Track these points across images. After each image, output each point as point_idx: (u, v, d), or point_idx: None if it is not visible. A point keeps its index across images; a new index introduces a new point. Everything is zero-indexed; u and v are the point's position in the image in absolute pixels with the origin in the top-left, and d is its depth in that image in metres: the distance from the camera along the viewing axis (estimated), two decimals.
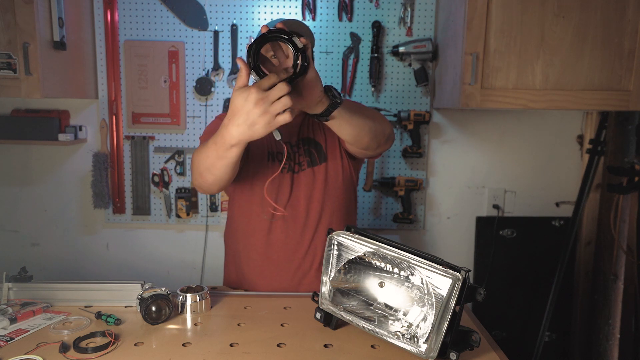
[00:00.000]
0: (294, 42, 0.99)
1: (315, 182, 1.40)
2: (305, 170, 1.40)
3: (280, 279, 1.43)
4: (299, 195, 1.40)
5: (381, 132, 1.29)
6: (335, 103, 1.11)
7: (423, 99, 2.10)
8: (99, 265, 2.20)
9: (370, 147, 1.30)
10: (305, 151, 1.42)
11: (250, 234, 1.42)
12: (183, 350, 1.02)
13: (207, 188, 1.24)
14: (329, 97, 1.10)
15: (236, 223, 1.46)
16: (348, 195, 1.46)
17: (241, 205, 1.44)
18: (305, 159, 1.41)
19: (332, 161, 1.41)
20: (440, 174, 2.18)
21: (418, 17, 2.04)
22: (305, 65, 1.01)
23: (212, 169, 1.15)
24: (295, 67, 1.00)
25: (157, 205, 2.15)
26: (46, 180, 2.17)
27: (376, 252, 1.03)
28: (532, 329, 2.20)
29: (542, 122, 2.16)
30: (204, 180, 1.20)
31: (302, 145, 1.42)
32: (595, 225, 2.15)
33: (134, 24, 2.04)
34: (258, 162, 1.40)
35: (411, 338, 0.97)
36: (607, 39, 1.67)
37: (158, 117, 2.09)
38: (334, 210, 1.42)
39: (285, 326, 1.13)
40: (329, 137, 1.42)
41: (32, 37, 1.65)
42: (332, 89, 1.11)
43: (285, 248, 1.41)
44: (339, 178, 1.42)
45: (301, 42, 0.99)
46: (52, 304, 1.21)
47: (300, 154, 1.41)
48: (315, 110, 1.11)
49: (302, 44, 0.99)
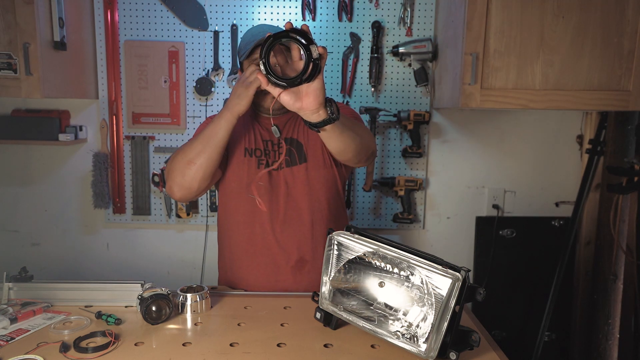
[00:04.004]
0: (310, 49, 0.97)
1: (295, 181, 1.41)
2: (283, 169, 1.41)
3: (257, 275, 1.44)
4: (278, 193, 1.41)
5: (365, 150, 1.31)
6: (332, 119, 1.10)
7: (423, 99, 2.10)
8: (99, 265, 2.21)
9: (350, 161, 1.33)
10: (288, 150, 1.42)
11: (233, 228, 1.46)
12: (183, 350, 1.02)
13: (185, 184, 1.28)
14: (327, 111, 1.09)
15: (222, 219, 1.50)
16: (331, 195, 1.46)
17: (224, 202, 1.48)
18: (285, 157, 1.41)
19: (312, 162, 1.41)
20: (440, 174, 2.18)
21: (418, 17, 2.04)
22: (313, 74, 0.99)
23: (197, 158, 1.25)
24: (302, 73, 0.99)
25: (157, 205, 2.15)
26: (46, 180, 2.17)
27: (376, 252, 1.04)
28: (531, 328, 2.20)
29: (541, 122, 2.16)
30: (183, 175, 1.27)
31: (285, 144, 1.43)
32: (594, 225, 2.15)
33: (134, 24, 2.04)
34: (236, 158, 1.42)
35: (411, 338, 0.97)
36: (606, 39, 1.67)
37: (158, 117, 2.09)
38: (313, 210, 1.42)
39: (285, 326, 1.13)
40: (311, 139, 1.42)
41: (33, 37, 1.65)
42: (333, 103, 1.11)
43: (262, 243, 1.42)
44: (320, 179, 1.42)
45: (318, 51, 0.98)
46: (52, 304, 1.21)
47: (280, 152, 1.42)
48: (309, 119, 1.11)
49: (317, 54, 0.98)
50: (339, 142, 1.21)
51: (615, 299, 2.07)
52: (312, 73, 0.99)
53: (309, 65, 0.98)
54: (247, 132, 1.46)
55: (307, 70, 0.98)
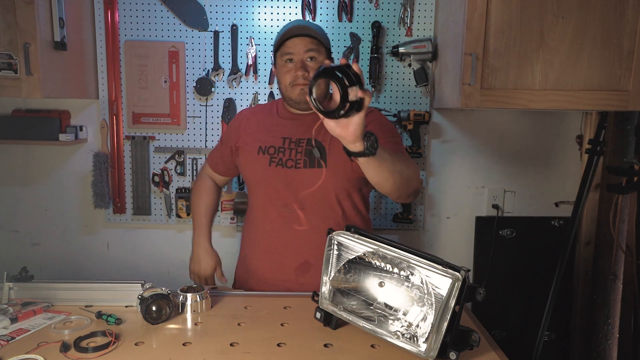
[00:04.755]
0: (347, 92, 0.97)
1: (309, 184, 1.39)
2: (300, 169, 1.41)
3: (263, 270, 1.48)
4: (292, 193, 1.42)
5: (406, 188, 1.28)
6: (365, 154, 1.09)
7: (423, 99, 2.10)
8: (99, 265, 2.21)
9: (389, 195, 1.30)
10: (306, 151, 1.43)
11: (250, 220, 1.55)
12: (183, 350, 1.02)
13: None
14: (364, 144, 1.08)
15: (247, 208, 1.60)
16: (348, 203, 1.46)
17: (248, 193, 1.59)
18: (304, 158, 1.42)
19: (332, 168, 1.40)
20: (440, 174, 2.18)
21: (418, 17, 2.05)
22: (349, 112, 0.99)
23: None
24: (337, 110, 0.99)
25: (157, 205, 2.16)
26: (47, 180, 2.17)
27: (376, 252, 1.04)
28: (531, 328, 2.20)
29: (541, 122, 2.17)
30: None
31: (306, 145, 1.44)
32: (594, 225, 2.15)
33: (135, 24, 2.04)
34: (251, 155, 1.48)
35: (411, 338, 0.97)
36: (606, 39, 1.67)
37: (158, 117, 2.09)
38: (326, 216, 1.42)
39: (285, 326, 1.14)
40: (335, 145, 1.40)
41: (33, 38, 1.65)
42: (372, 137, 1.09)
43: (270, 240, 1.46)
44: (337, 186, 1.42)
45: (358, 94, 0.98)
46: (52, 304, 1.21)
47: (299, 152, 1.43)
48: (347, 147, 1.10)
49: (356, 97, 0.98)
50: (375, 175, 1.20)
51: (614, 299, 2.07)
52: (348, 111, 1.00)
53: (345, 104, 0.99)
54: (265, 128, 1.49)
55: (343, 109, 0.99)
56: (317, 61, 1.41)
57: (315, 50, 1.41)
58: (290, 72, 1.40)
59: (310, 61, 1.41)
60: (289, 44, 1.40)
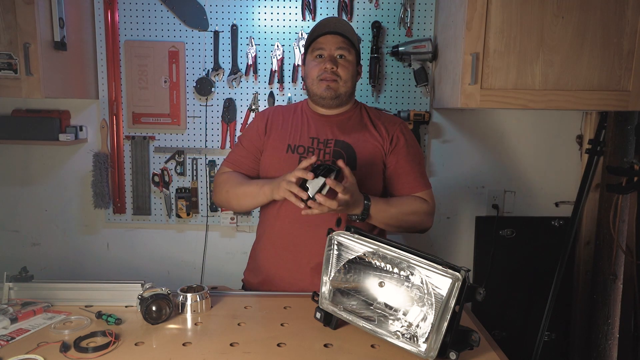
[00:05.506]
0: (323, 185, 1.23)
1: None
2: None
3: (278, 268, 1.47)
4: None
5: (413, 230, 1.46)
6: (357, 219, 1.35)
7: (423, 99, 2.10)
8: (99, 265, 2.21)
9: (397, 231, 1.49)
10: (335, 152, 1.44)
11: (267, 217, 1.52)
12: (183, 350, 1.02)
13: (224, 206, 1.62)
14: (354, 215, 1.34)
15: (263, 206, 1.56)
16: None
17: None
18: (331, 159, 1.43)
19: (361, 171, 1.42)
20: (440, 174, 2.18)
21: (418, 17, 2.05)
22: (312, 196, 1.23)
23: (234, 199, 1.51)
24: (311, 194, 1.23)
25: (157, 205, 2.16)
26: (47, 180, 2.17)
27: (376, 252, 1.04)
28: (531, 328, 2.20)
29: (541, 122, 2.16)
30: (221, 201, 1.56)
31: (334, 146, 1.45)
32: (594, 225, 2.15)
33: (135, 24, 2.04)
34: (279, 153, 1.47)
35: (411, 338, 0.97)
36: (606, 39, 1.67)
37: (158, 117, 2.09)
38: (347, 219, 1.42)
39: (285, 326, 1.14)
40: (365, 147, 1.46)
41: (33, 38, 1.65)
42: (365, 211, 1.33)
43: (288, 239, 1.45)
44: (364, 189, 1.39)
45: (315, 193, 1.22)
46: (52, 304, 1.21)
47: (327, 152, 1.44)
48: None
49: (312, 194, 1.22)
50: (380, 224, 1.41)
51: (614, 299, 2.07)
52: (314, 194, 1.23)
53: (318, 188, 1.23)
54: (293, 127, 1.49)
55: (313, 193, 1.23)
56: (346, 60, 1.45)
57: (346, 49, 1.45)
58: (319, 65, 1.44)
59: (340, 59, 1.45)
60: (321, 39, 1.45)
